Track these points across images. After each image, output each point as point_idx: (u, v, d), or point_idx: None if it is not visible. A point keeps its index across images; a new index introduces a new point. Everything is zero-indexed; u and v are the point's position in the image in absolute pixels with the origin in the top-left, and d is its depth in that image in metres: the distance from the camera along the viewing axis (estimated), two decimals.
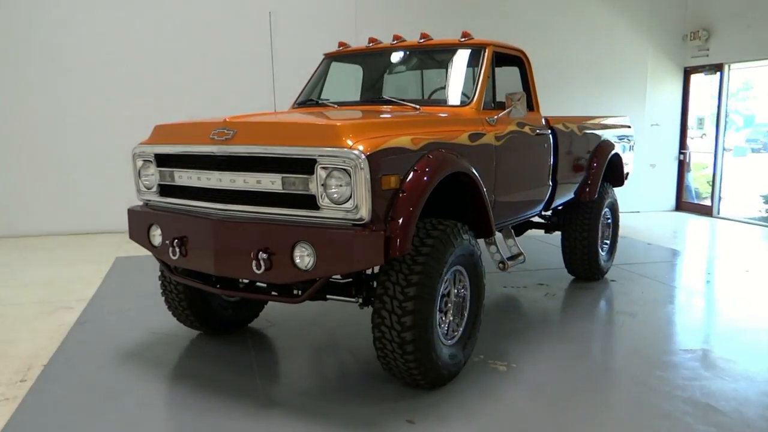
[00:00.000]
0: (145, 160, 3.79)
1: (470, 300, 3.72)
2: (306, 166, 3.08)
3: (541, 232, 6.13)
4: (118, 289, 5.69)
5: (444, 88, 4.38)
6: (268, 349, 4.28)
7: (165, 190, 3.73)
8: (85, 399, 3.42)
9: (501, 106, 4.23)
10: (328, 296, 3.63)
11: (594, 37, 10.15)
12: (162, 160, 3.69)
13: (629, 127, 6.64)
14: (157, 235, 3.69)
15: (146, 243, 3.77)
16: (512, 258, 4.59)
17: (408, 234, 3.09)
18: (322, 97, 4.76)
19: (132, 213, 3.87)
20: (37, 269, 6.50)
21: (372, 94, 4.63)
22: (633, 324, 4.68)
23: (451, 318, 3.57)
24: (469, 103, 4.06)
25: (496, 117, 4.12)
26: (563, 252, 5.78)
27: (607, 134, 5.94)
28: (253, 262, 3.14)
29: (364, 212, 2.99)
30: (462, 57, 4.33)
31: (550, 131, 4.81)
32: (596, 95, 10.22)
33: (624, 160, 6.32)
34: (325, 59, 4.94)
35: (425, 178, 3.20)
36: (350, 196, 2.99)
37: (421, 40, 4.48)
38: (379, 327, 3.24)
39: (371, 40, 4.70)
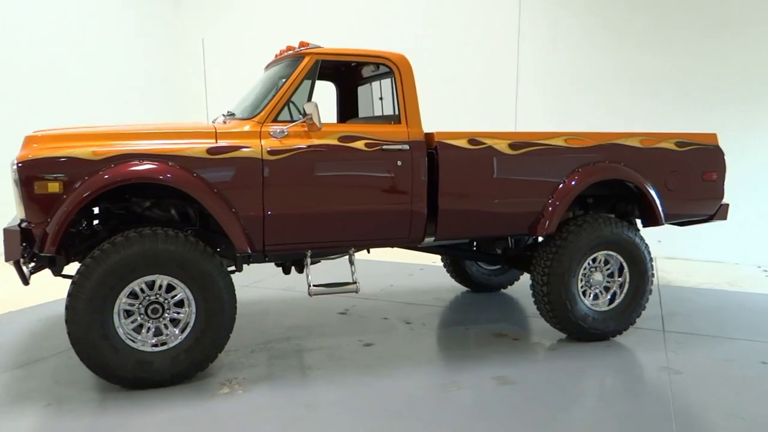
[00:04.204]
0: None
1: (195, 314, 3.69)
2: None
3: None
4: None
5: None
6: None
7: None
8: None
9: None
10: None
11: None
12: None
13: (704, 146, 4.84)
14: None
15: None
16: (336, 285, 4.12)
17: (52, 235, 3.41)
18: None
19: None
20: None
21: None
22: (483, 393, 3.69)
23: (149, 324, 3.64)
24: (254, 116, 3.93)
25: (285, 129, 3.87)
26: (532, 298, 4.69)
27: (610, 154, 4.55)
28: None
29: (20, 212, 3.47)
30: (284, 68, 4.16)
31: (409, 147, 4.09)
32: None
33: (675, 191, 4.73)
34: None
35: (86, 186, 3.45)
36: None
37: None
38: None
39: (282, 52, 4.76)
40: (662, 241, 8.12)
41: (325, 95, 5.45)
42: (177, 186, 3.58)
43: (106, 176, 3.47)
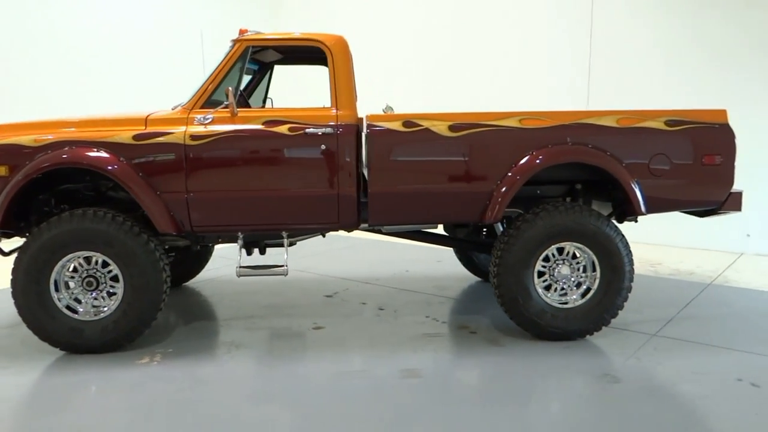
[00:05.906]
0: None
1: (123, 288, 3.99)
2: None
3: None
4: None
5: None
6: None
7: None
8: None
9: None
10: None
11: None
12: None
13: (704, 125, 4.16)
14: None
15: None
16: (263, 267, 4.18)
17: None
18: None
19: None
20: None
21: None
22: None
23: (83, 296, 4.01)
24: (186, 104, 4.12)
25: (210, 115, 4.02)
26: None
27: (579, 134, 4.10)
28: None
29: None
30: (222, 56, 4.27)
31: (335, 130, 4.01)
32: None
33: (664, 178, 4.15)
34: None
35: (25, 169, 3.88)
36: None
37: None
38: None
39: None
40: (751, 236, 7.09)
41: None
42: (96, 169, 3.90)
43: (48, 160, 3.87)
